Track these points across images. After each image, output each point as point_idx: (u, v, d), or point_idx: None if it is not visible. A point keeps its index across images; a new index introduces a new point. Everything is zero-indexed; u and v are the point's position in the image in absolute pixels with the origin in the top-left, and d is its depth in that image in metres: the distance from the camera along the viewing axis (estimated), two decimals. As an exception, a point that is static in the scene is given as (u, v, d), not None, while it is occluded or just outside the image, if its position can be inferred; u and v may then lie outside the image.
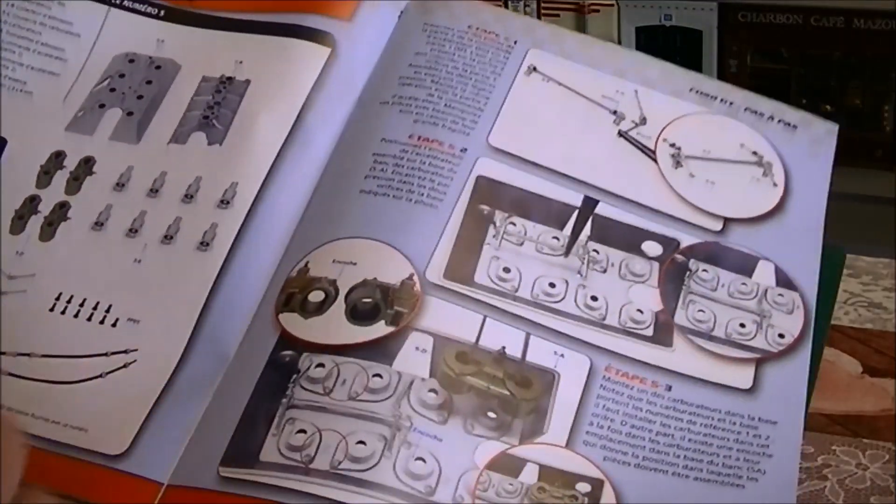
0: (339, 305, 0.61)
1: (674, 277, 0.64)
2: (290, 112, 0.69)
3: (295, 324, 0.60)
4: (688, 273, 0.64)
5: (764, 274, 0.64)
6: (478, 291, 0.62)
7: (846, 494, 0.64)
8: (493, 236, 0.64)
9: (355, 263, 0.62)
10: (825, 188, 0.68)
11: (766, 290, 0.64)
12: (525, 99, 0.69)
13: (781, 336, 0.62)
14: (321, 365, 0.59)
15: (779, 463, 0.58)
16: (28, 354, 0.62)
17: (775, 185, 0.68)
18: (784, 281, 0.64)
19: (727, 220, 0.66)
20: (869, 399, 0.70)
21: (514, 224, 0.64)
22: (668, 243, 0.65)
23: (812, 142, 0.70)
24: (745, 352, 0.62)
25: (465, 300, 0.61)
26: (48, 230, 0.66)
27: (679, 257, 0.64)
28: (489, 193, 0.65)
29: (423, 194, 0.65)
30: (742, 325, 0.62)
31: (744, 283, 0.64)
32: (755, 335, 0.62)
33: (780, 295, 0.64)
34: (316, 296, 0.61)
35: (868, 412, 0.69)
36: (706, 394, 0.60)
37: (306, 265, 0.62)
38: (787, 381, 0.61)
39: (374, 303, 0.60)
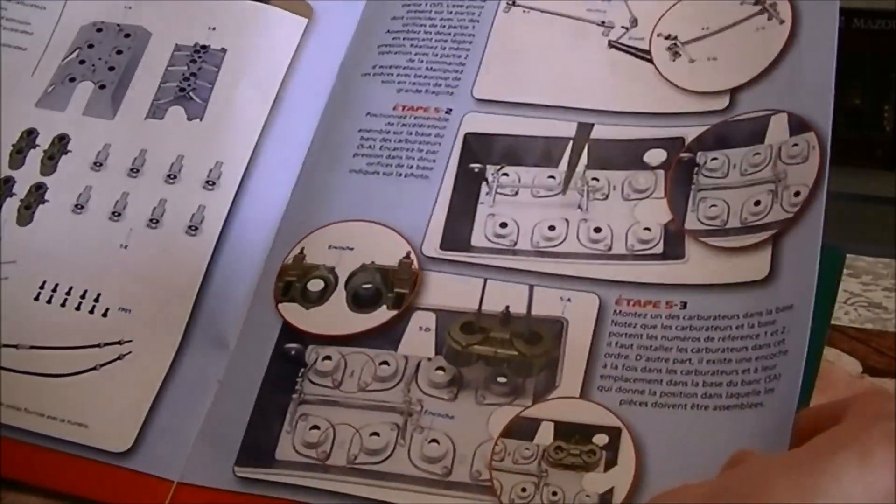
0: (340, 293, 0.60)
1: (682, 179, 0.61)
2: (270, 85, 0.67)
3: (297, 314, 0.60)
4: (696, 169, 0.61)
5: (776, 130, 0.60)
6: (476, 255, 0.61)
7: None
8: (487, 193, 0.62)
9: (352, 248, 0.61)
10: (835, 9, 0.62)
11: (779, 149, 0.60)
12: (508, 38, 0.67)
13: (797, 195, 0.58)
14: (328, 357, 0.58)
15: (792, 359, 0.53)
16: (15, 346, 0.61)
17: (782, 21, 0.63)
18: (798, 126, 0.60)
19: (734, 92, 0.62)
20: (869, 399, 0.70)
21: (507, 174, 0.63)
22: (672, 144, 0.62)
23: None
24: (761, 233, 0.58)
25: (464, 267, 0.60)
26: (26, 214, 0.64)
27: (685, 155, 0.61)
28: (478, 149, 0.64)
29: (412, 166, 0.63)
30: (757, 203, 0.59)
31: (756, 154, 0.60)
32: (771, 207, 0.58)
33: (794, 145, 0.59)
34: (316, 284, 0.60)
35: (868, 412, 0.69)
36: (722, 300, 0.57)
37: (301, 251, 0.61)
38: (803, 246, 0.56)
39: (374, 288, 0.60)
